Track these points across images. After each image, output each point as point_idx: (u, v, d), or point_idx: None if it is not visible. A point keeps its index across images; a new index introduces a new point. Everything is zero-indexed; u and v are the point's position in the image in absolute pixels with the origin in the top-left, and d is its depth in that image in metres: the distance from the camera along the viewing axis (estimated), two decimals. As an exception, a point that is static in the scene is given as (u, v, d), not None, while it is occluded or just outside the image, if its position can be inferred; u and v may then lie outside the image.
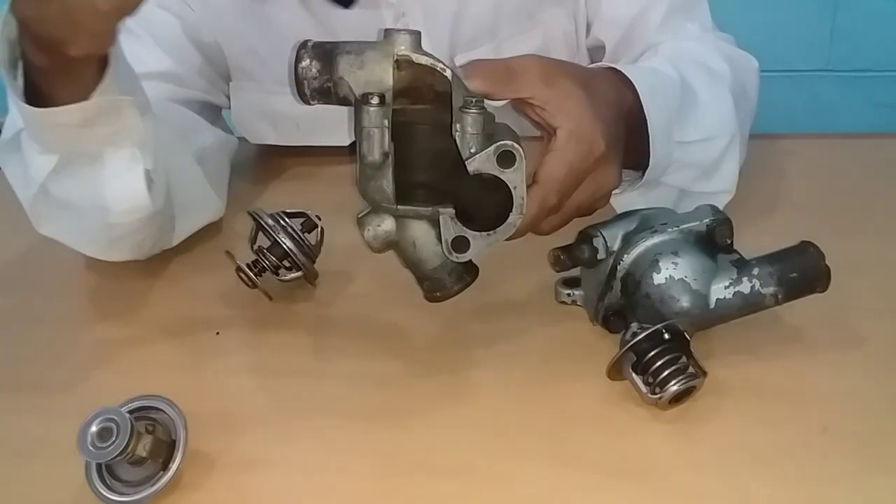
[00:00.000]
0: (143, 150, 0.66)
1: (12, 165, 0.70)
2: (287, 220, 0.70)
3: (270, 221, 0.69)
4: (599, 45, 0.92)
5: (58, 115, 0.59)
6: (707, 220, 0.62)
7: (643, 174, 0.69)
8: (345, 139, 0.91)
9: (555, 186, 0.60)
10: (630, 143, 0.66)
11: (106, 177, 0.65)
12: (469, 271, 0.62)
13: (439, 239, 0.59)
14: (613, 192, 0.69)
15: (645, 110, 0.67)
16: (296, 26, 0.85)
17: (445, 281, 0.61)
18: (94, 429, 0.49)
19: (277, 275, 0.71)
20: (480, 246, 0.58)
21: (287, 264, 0.70)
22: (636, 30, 0.87)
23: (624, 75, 0.69)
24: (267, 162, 0.98)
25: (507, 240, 0.59)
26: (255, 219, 0.70)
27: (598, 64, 0.73)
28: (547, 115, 0.61)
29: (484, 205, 0.58)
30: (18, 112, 0.61)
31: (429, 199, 0.58)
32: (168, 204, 0.73)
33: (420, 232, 0.60)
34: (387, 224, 0.60)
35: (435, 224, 0.59)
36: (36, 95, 0.59)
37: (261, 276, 0.70)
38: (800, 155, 0.95)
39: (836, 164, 0.95)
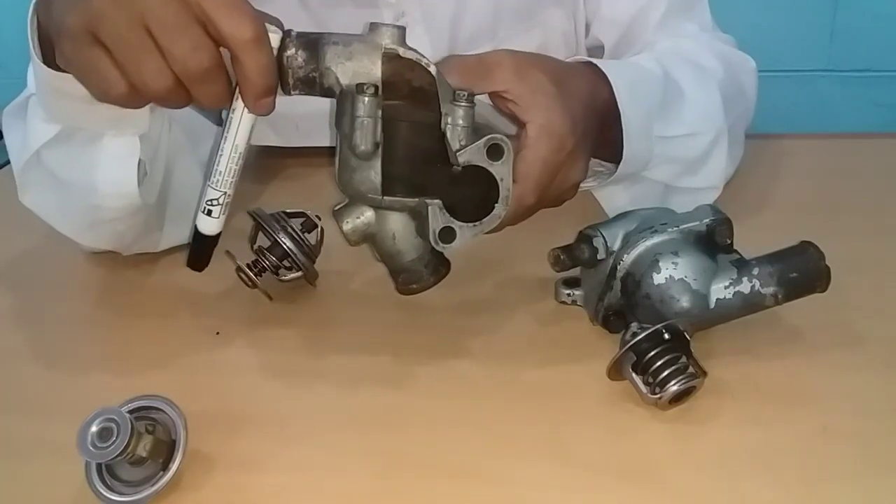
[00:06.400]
0: (145, 141, 0.65)
1: (14, 131, 0.69)
2: (287, 220, 0.70)
3: (270, 221, 0.69)
4: (599, 44, 0.92)
5: (65, 82, 0.58)
6: (707, 220, 0.62)
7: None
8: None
9: (531, 185, 0.61)
10: (607, 136, 0.67)
11: (101, 159, 0.64)
12: (443, 263, 0.63)
13: (418, 231, 0.60)
14: (596, 187, 0.69)
15: (619, 105, 0.68)
16: (294, 26, 0.85)
17: (422, 273, 0.62)
18: (94, 429, 0.49)
19: (277, 275, 0.71)
20: (466, 236, 0.59)
21: (287, 264, 0.70)
22: (635, 29, 0.87)
23: (601, 70, 0.69)
24: (267, 162, 0.98)
25: (487, 232, 0.60)
26: (255, 219, 0.70)
27: (576, 58, 0.73)
28: (518, 109, 0.62)
29: (470, 196, 0.58)
30: (34, 73, 0.61)
31: (408, 193, 0.58)
32: (161, 203, 0.73)
33: (399, 224, 0.60)
34: (366, 216, 0.60)
35: (414, 216, 0.60)
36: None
37: (261, 276, 0.70)
38: (800, 155, 0.95)
39: (836, 164, 0.94)
